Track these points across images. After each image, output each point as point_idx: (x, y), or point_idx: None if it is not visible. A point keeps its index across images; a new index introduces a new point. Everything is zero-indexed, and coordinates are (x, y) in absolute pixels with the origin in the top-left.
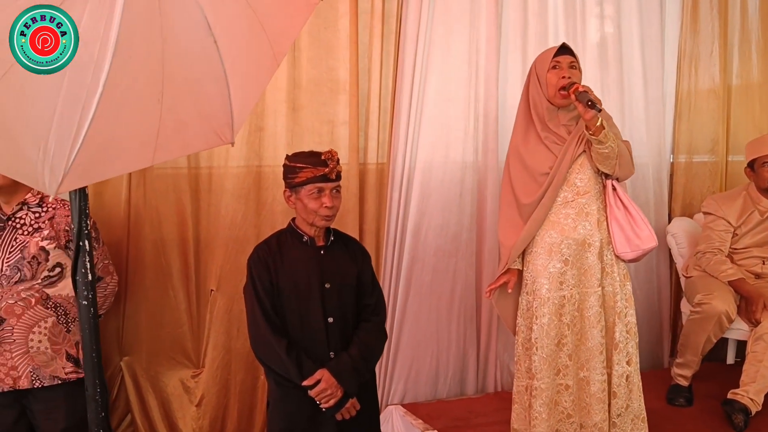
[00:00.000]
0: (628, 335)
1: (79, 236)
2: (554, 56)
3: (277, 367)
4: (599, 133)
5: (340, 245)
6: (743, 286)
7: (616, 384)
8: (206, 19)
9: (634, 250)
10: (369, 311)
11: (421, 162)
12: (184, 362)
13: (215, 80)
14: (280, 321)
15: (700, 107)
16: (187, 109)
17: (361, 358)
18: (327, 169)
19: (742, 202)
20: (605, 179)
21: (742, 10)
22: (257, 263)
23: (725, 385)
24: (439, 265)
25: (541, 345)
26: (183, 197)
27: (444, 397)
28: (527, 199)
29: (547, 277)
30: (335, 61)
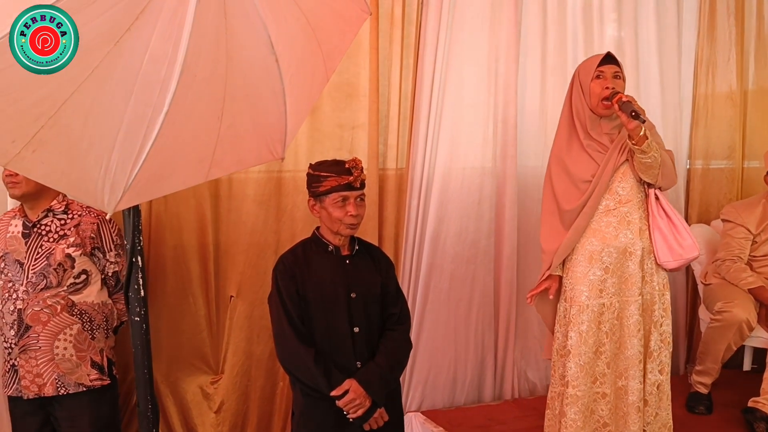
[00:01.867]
0: (662, 344)
1: (133, 252)
2: (598, 65)
3: (305, 377)
4: (642, 143)
5: (364, 254)
6: (764, 294)
7: (648, 392)
8: (269, 36)
9: (677, 260)
10: (394, 320)
11: (440, 168)
12: (204, 368)
13: (274, 97)
14: (306, 331)
15: (717, 113)
16: (245, 126)
17: (388, 368)
18: (352, 177)
19: (762, 210)
20: (648, 188)
21: (758, 17)
22: (283, 273)
23: (743, 393)
24: (457, 272)
25: (579, 352)
26: (203, 203)
27: (461, 403)
28: (569, 205)
29: (587, 284)
30: (355, 66)
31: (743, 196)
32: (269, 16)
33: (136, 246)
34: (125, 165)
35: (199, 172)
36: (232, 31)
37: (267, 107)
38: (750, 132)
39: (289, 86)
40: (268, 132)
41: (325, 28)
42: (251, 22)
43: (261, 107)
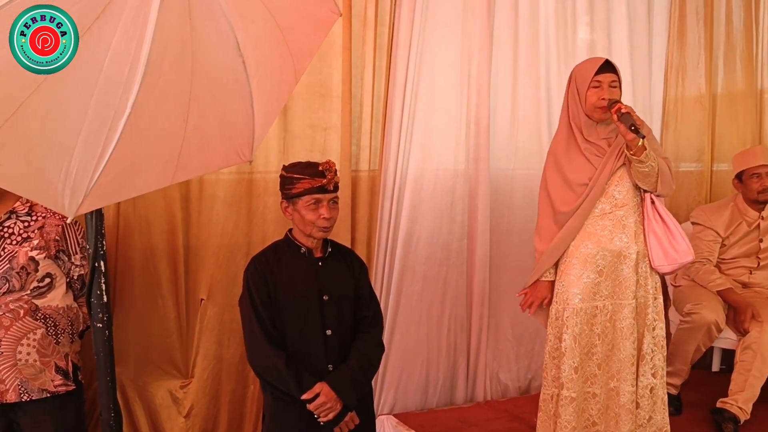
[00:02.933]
0: (655, 348)
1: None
2: (596, 74)
3: (276, 380)
4: (641, 154)
5: (337, 257)
6: (732, 296)
7: (640, 395)
8: (236, 38)
9: (671, 264)
10: (366, 323)
11: (413, 170)
12: (173, 372)
13: (241, 99)
14: (277, 334)
15: (687, 117)
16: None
17: (360, 371)
18: (325, 180)
19: (730, 213)
20: (644, 192)
21: (727, 22)
22: (254, 275)
23: (711, 393)
24: (429, 274)
25: (572, 354)
26: (173, 205)
27: (434, 406)
28: (565, 207)
29: (581, 287)
30: (328, 67)
31: (712, 198)
32: (236, 17)
33: (98, 251)
34: (86, 168)
35: (165, 175)
36: (198, 32)
37: (234, 109)
38: (719, 135)
39: (257, 88)
40: (236, 134)
41: (294, 30)
42: (217, 23)
43: (228, 109)
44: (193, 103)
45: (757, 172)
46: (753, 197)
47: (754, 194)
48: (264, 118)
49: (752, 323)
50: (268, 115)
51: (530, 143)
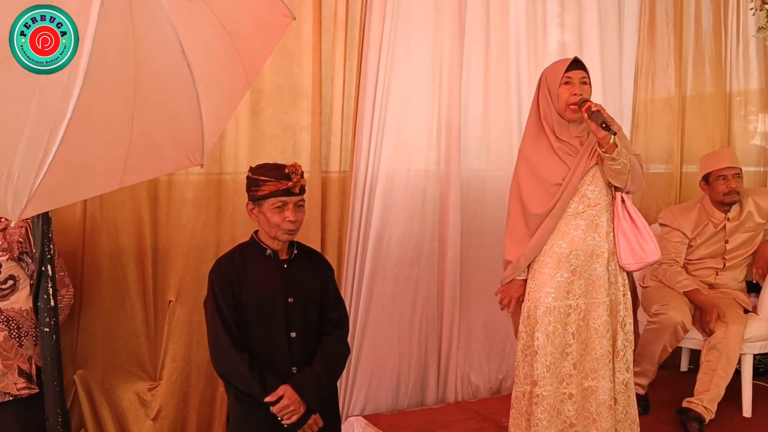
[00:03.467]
0: (626, 343)
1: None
2: (566, 71)
3: (239, 382)
4: (613, 151)
5: (303, 259)
6: (698, 297)
7: (618, 391)
8: (180, 42)
9: (638, 262)
10: (332, 325)
11: (384, 171)
12: (141, 375)
13: (188, 103)
14: (242, 336)
15: (656, 119)
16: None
17: (324, 373)
18: (290, 182)
19: (697, 215)
20: (615, 191)
21: (696, 26)
22: (219, 277)
23: (679, 393)
24: (400, 275)
25: (545, 353)
26: (141, 206)
27: (405, 407)
28: (538, 209)
29: (554, 286)
30: (298, 68)
31: (682, 200)
32: (180, 21)
33: (45, 254)
34: (29, 171)
35: (112, 179)
36: (140, 36)
37: (181, 113)
38: (688, 137)
39: (205, 92)
40: (185, 138)
41: (243, 34)
42: (160, 28)
43: (175, 114)
44: (138, 106)
45: (724, 174)
46: (719, 199)
47: (721, 196)
48: (214, 122)
49: (718, 324)
50: (219, 119)
51: (502, 144)
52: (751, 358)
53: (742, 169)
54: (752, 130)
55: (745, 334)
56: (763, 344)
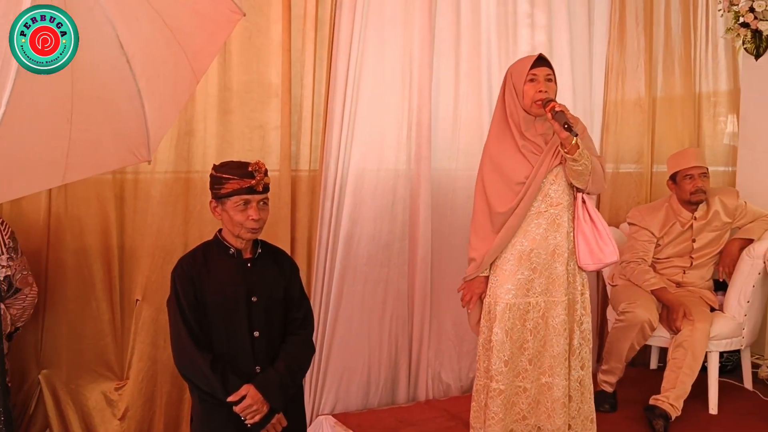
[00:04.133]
0: (583, 341)
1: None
2: (531, 68)
3: (201, 382)
4: (574, 152)
5: (268, 257)
6: (665, 295)
7: (573, 388)
8: (119, 37)
9: (596, 263)
10: (296, 324)
11: (354, 170)
12: (107, 374)
13: (129, 99)
14: (204, 335)
15: (626, 119)
16: (100, 128)
17: (288, 373)
18: (254, 180)
19: (665, 214)
20: (576, 191)
21: (666, 27)
22: (181, 276)
23: (649, 390)
24: (371, 274)
25: (503, 348)
26: (107, 205)
27: (375, 406)
28: (502, 207)
29: (515, 283)
30: (266, 66)
31: (652, 199)
32: (117, 15)
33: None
34: None
35: (53, 176)
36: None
37: (122, 109)
38: (658, 137)
39: (147, 88)
40: (129, 135)
41: (186, 30)
42: (96, 22)
43: (115, 109)
44: (77, 102)
45: (690, 173)
46: (686, 198)
47: (687, 195)
48: (160, 118)
49: (684, 322)
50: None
51: (472, 144)
52: (717, 355)
53: (708, 169)
54: (721, 130)
55: (711, 332)
56: (729, 342)
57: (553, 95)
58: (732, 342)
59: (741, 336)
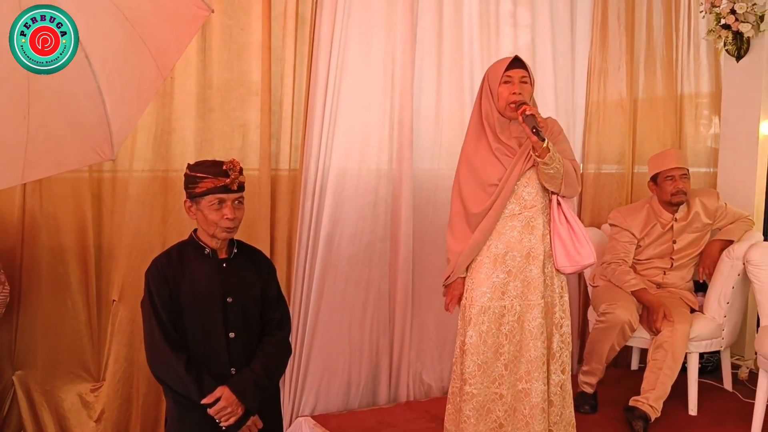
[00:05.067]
0: (563, 345)
1: None
2: (506, 70)
3: (175, 384)
4: (545, 156)
5: (244, 258)
6: (645, 296)
7: (553, 393)
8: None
9: (573, 266)
10: (273, 325)
11: (335, 169)
12: (83, 375)
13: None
14: (179, 336)
15: (608, 120)
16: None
17: (264, 374)
18: (228, 179)
19: (645, 215)
20: (551, 194)
21: (648, 28)
22: (155, 276)
23: (630, 391)
24: (352, 274)
25: (477, 351)
26: (83, 203)
27: (356, 407)
28: (476, 208)
29: (490, 286)
30: (247, 65)
31: (633, 200)
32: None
33: None
34: None
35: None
36: None
37: (82, 106)
38: (639, 138)
39: (108, 84)
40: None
41: (150, 25)
42: None
43: (75, 106)
44: (34, 99)
45: (671, 174)
46: (667, 199)
47: (668, 196)
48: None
49: (664, 323)
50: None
51: (454, 143)
52: (696, 356)
53: (689, 170)
54: (702, 132)
55: (691, 333)
56: (709, 343)
57: (528, 97)
58: (712, 343)
59: (721, 337)
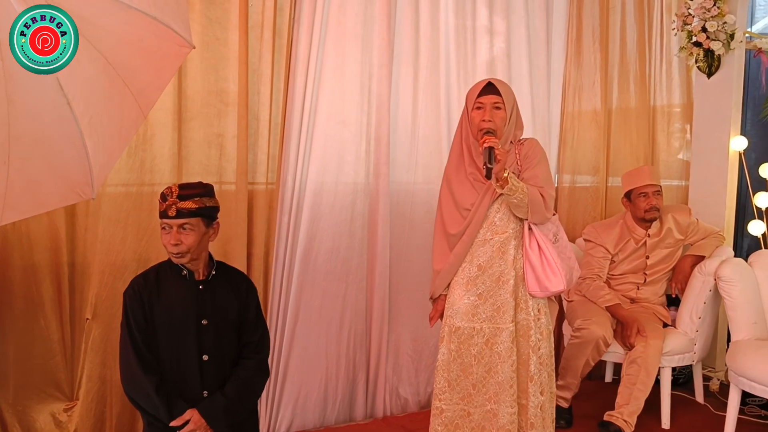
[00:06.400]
0: (541, 367)
1: None
2: (478, 95)
3: (147, 406)
4: (503, 187)
5: (222, 279)
6: (619, 311)
7: (533, 414)
8: (58, 79)
9: (543, 291)
10: (251, 348)
11: (312, 184)
12: (56, 395)
13: (70, 140)
14: (152, 358)
15: (583, 134)
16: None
17: (236, 398)
18: (165, 204)
19: (619, 231)
20: (524, 220)
21: (621, 44)
22: (131, 297)
23: (604, 405)
24: (329, 290)
25: (447, 368)
26: (57, 221)
27: (332, 423)
28: (453, 229)
29: (462, 307)
30: (224, 81)
31: (608, 214)
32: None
33: None
34: None
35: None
36: (11, 73)
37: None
38: (614, 151)
39: (90, 127)
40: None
41: (131, 68)
42: None
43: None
44: (14, 145)
45: (645, 191)
46: (640, 215)
47: (642, 213)
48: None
49: (637, 338)
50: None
51: (431, 158)
52: (669, 371)
53: (662, 187)
54: (675, 145)
55: (664, 348)
56: (681, 357)
57: (502, 123)
58: (684, 357)
59: (693, 351)
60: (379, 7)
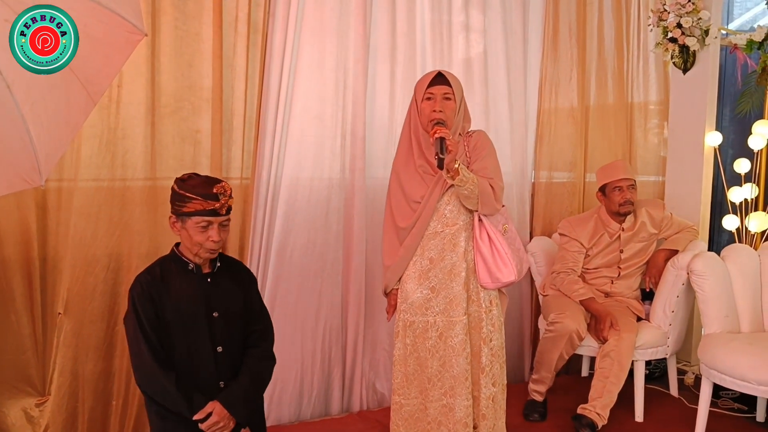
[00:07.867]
0: (493, 358)
1: None
2: (429, 86)
3: (166, 401)
4: (455, 178)
5: (226, 271)
6: (593, 305)
7: (485, 406)
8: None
9: (495, 283)
10: (256, 337)
11: (287, 179)
12: (28, 390)
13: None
14: (166, 353)
15: (560, 129)
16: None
17: (251, 387)
18: (218, 204)
19: (594, 225)
20: (474, 212)
21: (599, 39)
22: (141, 295)
23: (579, 398)
24: (304, 285)
25: (404, 363)
26: (28, 215)
27: (308, 418)
28: (403, 223)
29: (415, 301)
30: (198, 75)
31: (585, 208)
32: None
33: None
34: None
35: None
36: None
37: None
38: (591, 147)
39: (32, 112)
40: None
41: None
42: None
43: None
44: None
45: (619, 185)
46: (615, 209)
47: (616, 206)
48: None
49: (611, 332)
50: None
51: None
52: (643, 364)
53: (636, 180)
54: (653, 141)
55: (637, 342)
56: (654, 351)
57: (452, 114)
58: (657, 351)
59: (666, 345)
60: (355, 2)
